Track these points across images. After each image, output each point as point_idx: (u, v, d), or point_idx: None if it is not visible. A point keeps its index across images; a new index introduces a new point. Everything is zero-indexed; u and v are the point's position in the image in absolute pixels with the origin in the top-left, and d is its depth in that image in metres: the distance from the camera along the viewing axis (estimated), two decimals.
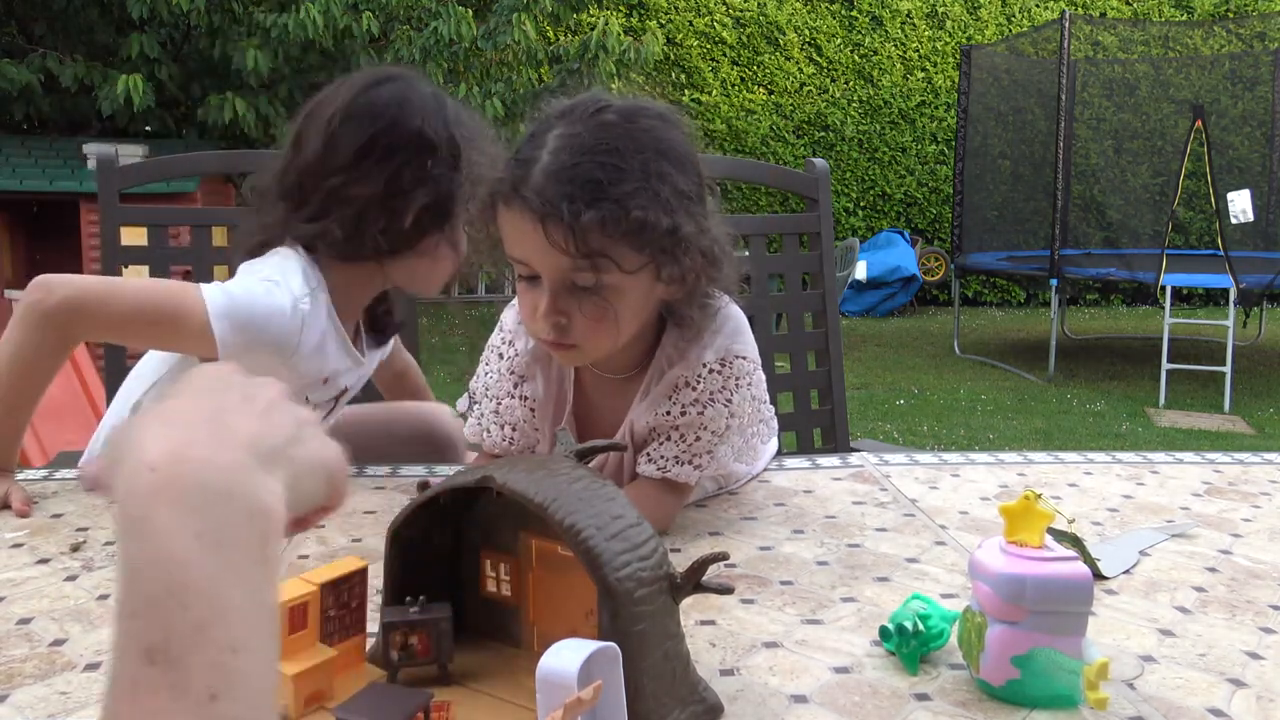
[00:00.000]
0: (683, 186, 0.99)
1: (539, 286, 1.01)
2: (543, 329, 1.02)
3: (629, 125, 0.98)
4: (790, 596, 0.94)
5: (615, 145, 0.95)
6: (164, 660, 0.41)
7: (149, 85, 6.18)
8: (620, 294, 1.00)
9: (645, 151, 0.97)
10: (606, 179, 0.94)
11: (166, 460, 0.47)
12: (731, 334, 1.12)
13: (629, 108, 1.00)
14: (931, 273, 9.31)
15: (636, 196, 0.94)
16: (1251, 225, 6.49)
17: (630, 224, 0.94)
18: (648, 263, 0.98)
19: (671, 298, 1.06)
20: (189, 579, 0.44)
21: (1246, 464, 1.43)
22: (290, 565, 1.01)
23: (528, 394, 1.17)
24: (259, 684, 0.44)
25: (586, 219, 0.93)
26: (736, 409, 1.12)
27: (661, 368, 1.12)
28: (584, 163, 0.94)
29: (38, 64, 6.50)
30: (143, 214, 1.76)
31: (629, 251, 0.97)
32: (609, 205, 0.93)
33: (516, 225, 0.99)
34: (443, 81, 6.75)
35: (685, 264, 1.00)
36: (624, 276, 0.98)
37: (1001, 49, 8.02)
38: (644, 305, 1.04)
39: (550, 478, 0.69)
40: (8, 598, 0.93)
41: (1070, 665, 0.73)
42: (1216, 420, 5.39)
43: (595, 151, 0.95)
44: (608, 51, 6.81)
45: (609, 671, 0.62)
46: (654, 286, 1.03)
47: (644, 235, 0.95)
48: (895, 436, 5.01)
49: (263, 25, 6.31)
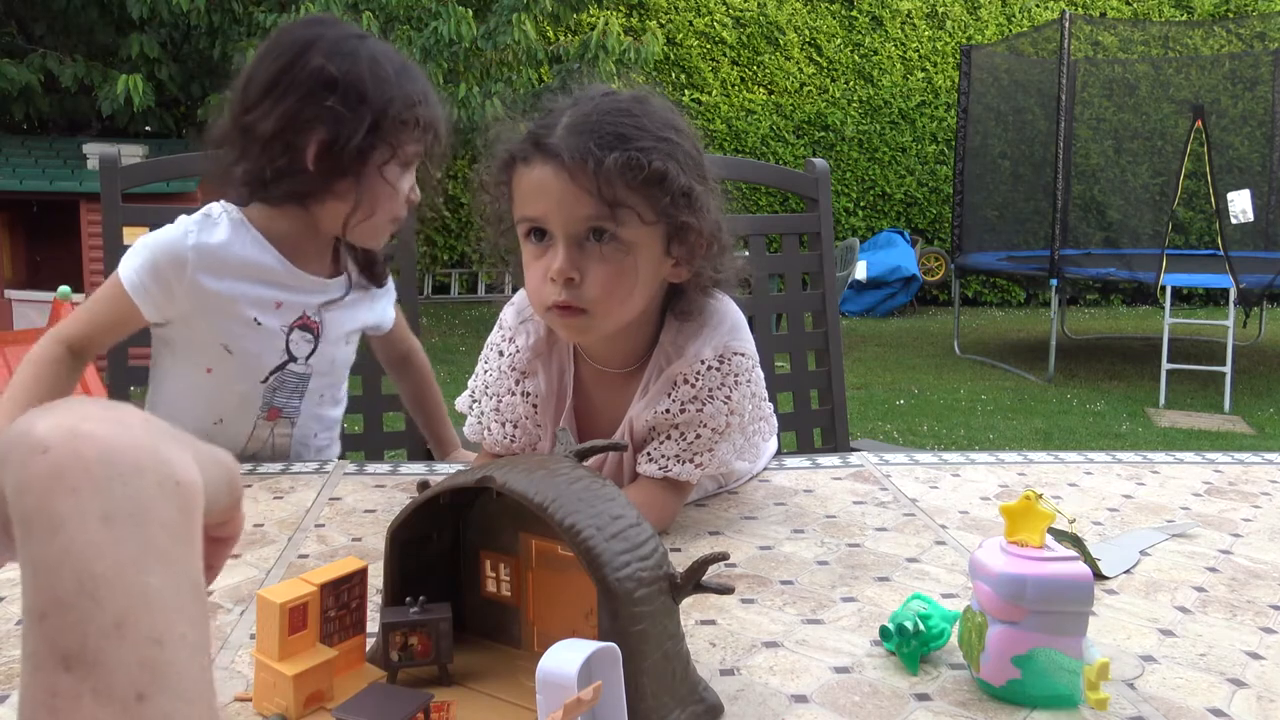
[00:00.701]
0: (695, 156, 1.02)
1: (552, 247, 1.01)
2: (553, 291, 1.01)
3: (640, 102, 1.02)
4: (790, 596, 0.94)
5: (632, 111, 1.00)
6: (81, 665, 0.38)
7: (149, 85, 6.18)
8: (635, 252, 1.01)
9: (657, 119, 1.01)
10: (629, 134, 0.98)
11: (61, 438, 0.41)
12: (729, 331, 1.12)
13: (636, 93, 1.04)
14: (931, 273, 9.31)
15: (656, 151, 0.98)
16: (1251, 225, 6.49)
17: (652, 173, 0.97)
18: (663, 220, 1.00)
19: (679, 279, 1.07)
20: (100, 570, 0.39)
21: (1246, 464, 1.43)
22: (290, 565, 1.01)
23: (529, 390, 1.17)
24: (190, 673, 0.40)
25: (610, 161, 0.95)
26: (736, 406, 1.12)
27: (660, 365, 1.12)
28: (607, 119, 0.98)
29: (38, 64, 6.50)
30: (145, 214, 1.76)
31: (648, 204, 0.99)
32: (633, 152, 0.96)
33: (536, 180, 1.00)
34: (442, 82, 6.76)
35: (694, 233, 1.02)
36: (641, 231, 0.99)
37: (1001, 49, 8.02)
38: (654, 274, 1.05)
39: (550, 478, 0.69)
40: (8, 598, 0.93)
41: (1070, 665, 0.73)
42: (1216, 420, 5.39)
43: (615, 113, 0.99)
44: (608, 51, 6.81)
45: (609, 671, 0.62)
46: (664, 260, 1.04)
47: (664, 185, 0.98)
48: (895, 436, 5.01)
49: (263, 25, 6.31)
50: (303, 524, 1.13)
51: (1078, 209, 7.86)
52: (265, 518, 1.15)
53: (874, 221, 9.75)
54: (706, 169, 1.05)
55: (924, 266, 9.22)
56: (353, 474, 1.34)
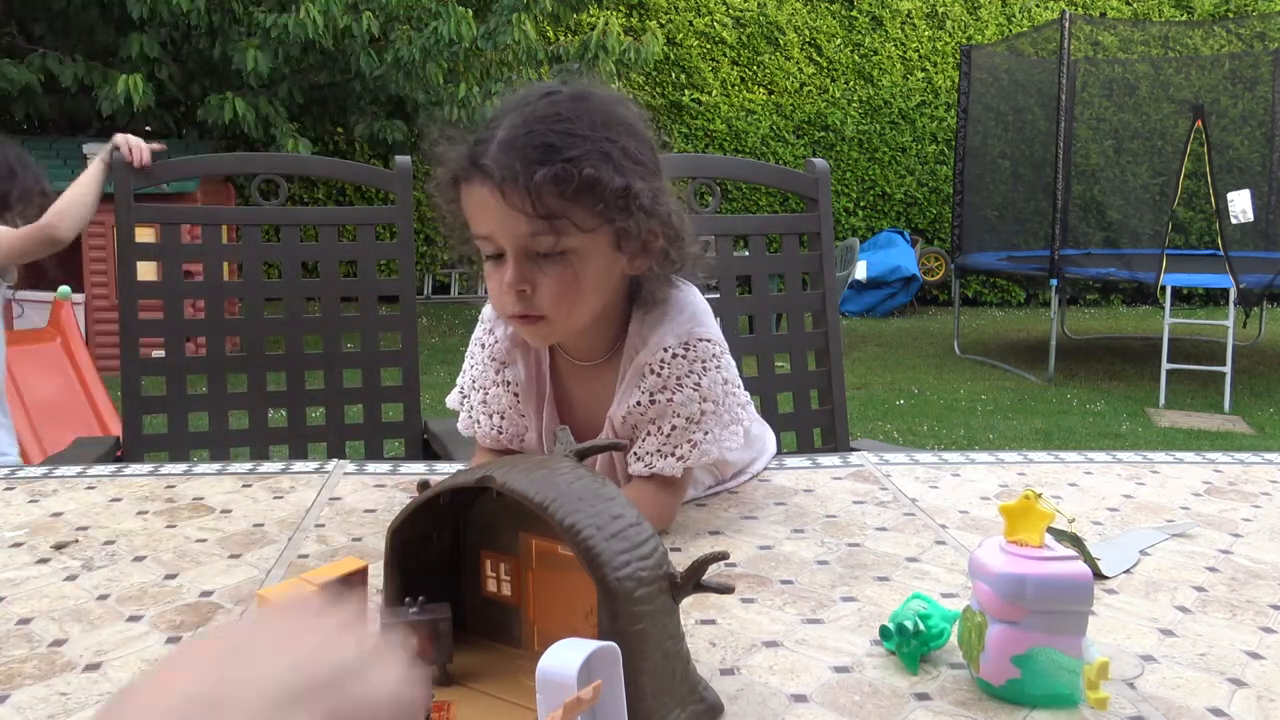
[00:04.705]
0: (634, 151, 1.01)
1: (504, 262, 1.03)
2: (509, 302, 1.04)
3: (578, 101, 1.02)
4: (790, 596, 0.94)
5: (566, 115, 1.00)
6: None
7: (149, 85, 6.18)
8: (582, 258, 1.02)
9: (594, 118, 1.00)
10: (559, 143, 0.98)
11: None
12: (691, 318, 1.12)
13: (578, 89, 1.04)
14: (931, 273, 9.31)
15: (588, 157, 0.98)
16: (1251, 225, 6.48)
17: (583, 181, 0.97)
18: (604, 224, 1.01)
19: (637, 271, 1.07)
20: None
21: (1246, 464, 1.43)
22: (290, 565, 1.01)
23: (510, 379, 1.19)
24: None
25: (540, 178, 0.96)
26: (707, 392, 1.11)
27: (631, 358, 1.13)
28: (537, 130, 0.99)
29: (38, 64, 6.50)
30: (156, 213, 1.90)
31: (584, 211, 0.99)
32: (561, 164, 0.97)
33: (477, 199, 1.02)
34: (442, 81, 6.76)
35: (643, 227, 1.02)
36: (584, 239, 1.00)
37: (1001, 49, 8.01)
38: (607, 274, 1.05)
39: (550, 477, 0.69)
40: (8, 598, 0.93)
41: (1070, 665, 0.73)
42: (1216, 420, 5.39)
43: (547, 120, 0.99)
44: (608, 51, 6.81)
45: (609, 671, 0.62)
46: (616, 257, 1.05)
47: (596, 192, 0.98)
48: (895, 436, 5.01)
49: (263, 25, 6.31)
50: (303, 524, 1.13)
51: (1078, 209, 7.86)
52: (265, 518, 1.15)
53: (874, 221, 9.75)
54: (650, 160, 1.05)
55: (924, 266, 9.22)
56: (353, 474, 1.34)
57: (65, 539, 1.08)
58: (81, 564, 1.01)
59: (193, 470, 1.35)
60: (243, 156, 2.28)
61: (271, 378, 1.84)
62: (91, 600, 0.92)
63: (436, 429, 1.89)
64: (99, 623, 0.87)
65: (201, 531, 1.11)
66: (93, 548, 1.05)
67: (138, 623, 0.87)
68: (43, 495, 1.22)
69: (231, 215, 2.39)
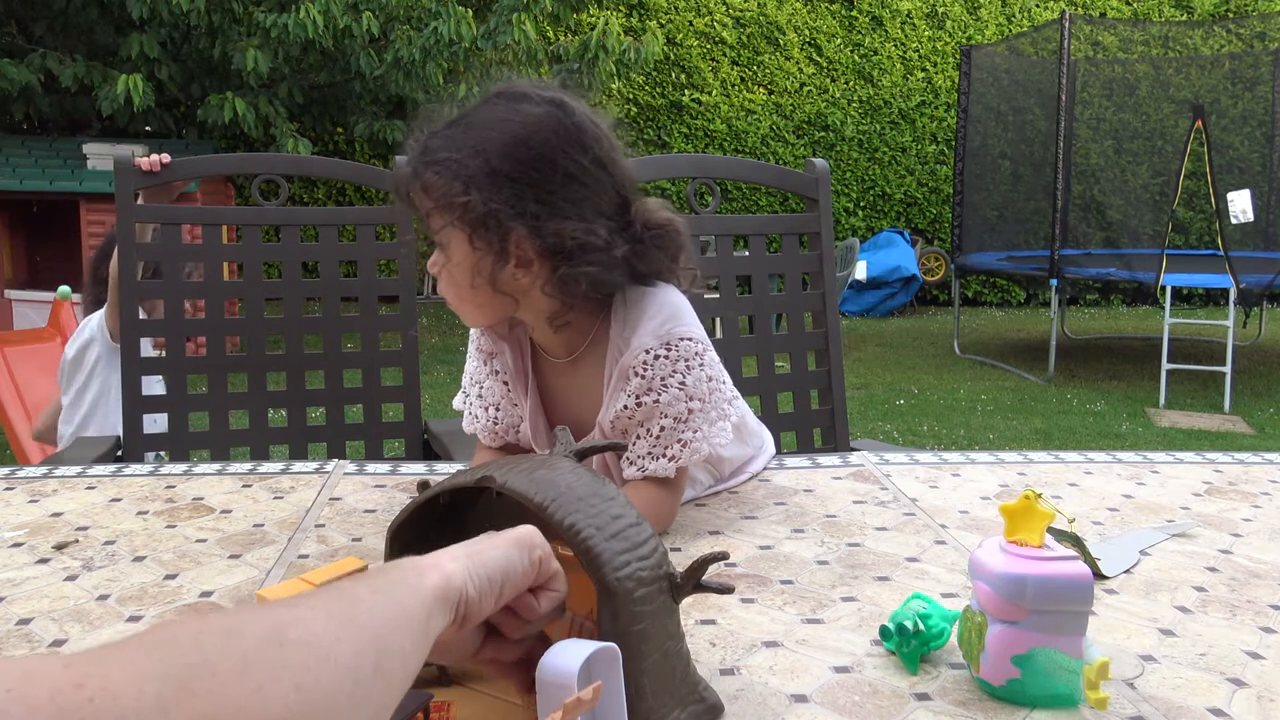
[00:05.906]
0: (500, 167, 1.03)
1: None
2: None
3: (485, 107, 1.07)
4: (790, 596, 0.94)
5: (460, 122, 1.07)
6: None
7: (149, 85, 6.18)
8: (448, 255, 1.08)
9: (480, 130, 1.05)
10: (435, 148, 1.05)
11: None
12: (671, 317, 1.12)
13: (516, 92, 1.08)
14: (931, 273, 9.31)
15: (444, 165, 1.04)
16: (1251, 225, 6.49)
17: (424, 182, 1.06)
18: (449, 226, 1.05)
19: (530, 279, 1.08)
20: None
21: (1246, 464, 1.43)
22: (290, 565, 1.01)
23: (498, 368, 1.22)
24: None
25: (409, 181, 1.07)
26: (692, 390, 1.11)
27: (615, 360, 1.13)
28: (432, 138, 1.07)
29: (38, 64, 6.50)
30: (157, 213, 1.90)
31: (438, 212, 1.06)
32: (423, 170, 1.05)
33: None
34: (442, 81, 6.76)
35: (496, 236, 1.04)
36: (448, 234, 1.06)
37: (1001, 49, 8.01)
38: (471, 273, 1.08)
39: (550, 478, 0.69)
40: (8, 598, 0.93)
41: (1070, 665, 0.73)
42: (1216, 420, 5.39)
43: (446, 126, 1.07)
44: (608, 51, 6.81)
45: (609, 671, 0.62)
46: (489, 263, 1.06)
47: (432, 195, 1.05)
48: (895, 436, 5.01)
49: (263, 25, 6.31)
50: (303, 524, 1.13)
51: (1078, 209, 7.86)
52: (265, 518, 1.15)
53: (874, 221, 9.75)
54: (553, 180, 1.04)
55: (924, 266, 9.22)
56: (353, 474, 1.34)
57: (65, 539, 1.08)
58: (81, 564, 1.01)
59: (193, 470, 1.35)
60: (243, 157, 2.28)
61: (271, 378, 1.85)
62: (91, 600, 0.92)
63: (437, 429, 1.89)
64: (99, 623, 0.87)
65: (201, 532, 1.11)
66: (93, 548, 1.05)
67: (138, 623, 0.87)
68: (43, 495, 1.23)
69: (231, 215, 2.40)
